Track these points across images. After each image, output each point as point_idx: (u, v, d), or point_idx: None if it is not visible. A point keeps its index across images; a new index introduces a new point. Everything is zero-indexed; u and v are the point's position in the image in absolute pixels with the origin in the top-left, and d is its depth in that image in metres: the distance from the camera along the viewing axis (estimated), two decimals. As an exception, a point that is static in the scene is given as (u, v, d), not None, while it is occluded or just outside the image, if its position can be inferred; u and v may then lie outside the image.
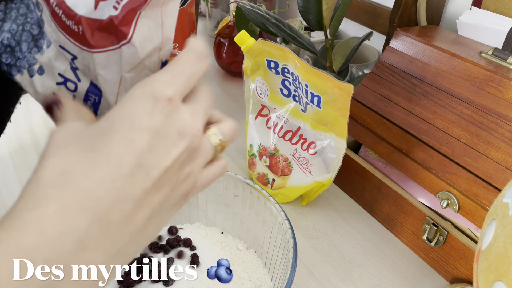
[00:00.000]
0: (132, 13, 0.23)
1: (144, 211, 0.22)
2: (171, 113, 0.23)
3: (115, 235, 0.21)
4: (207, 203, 0.52)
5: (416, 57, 0.57)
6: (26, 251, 0.18)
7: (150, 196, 0.22)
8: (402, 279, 0.51)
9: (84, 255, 0.20)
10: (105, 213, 0.20)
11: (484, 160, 0.46)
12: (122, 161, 0.21)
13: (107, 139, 0.22)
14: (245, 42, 0.56)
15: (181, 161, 0.24)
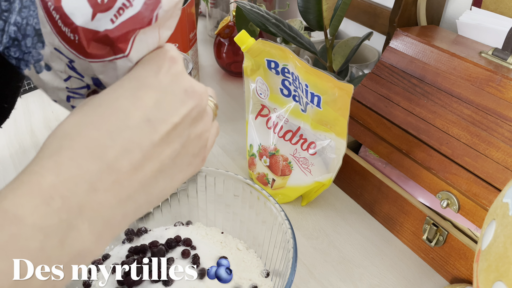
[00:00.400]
0: (131, 32, 0.23)
1: (153, 163, 0.24)
2: (176, 73, 0.25)
3: (124, 181, 0.23)
4: (207, 203, 0.52)
5: (416, 57, 0.57)
6: (45, 190, 0.21)
7: (159, 149, 0.24)
8: (402, 279, 0.51)
9: (96, 195, 0.22)
10: (113, 160, 0.22)
11: (484, 160, 0.46)
12: (129, 114, 0.23)
13: (115, 95, 0.24)
14: (245, 42, 0.56)
15: (191, 119, 0.25)
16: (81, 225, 0.21)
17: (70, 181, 0.21)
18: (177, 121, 0.24)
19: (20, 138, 0.73)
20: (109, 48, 0.24)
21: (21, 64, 0.28)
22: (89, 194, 0.22)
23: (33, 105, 0.82)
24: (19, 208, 0.20)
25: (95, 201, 0.22)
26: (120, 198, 0.23)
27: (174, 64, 0.25)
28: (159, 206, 0.53)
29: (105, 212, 0.22)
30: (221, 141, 0.74)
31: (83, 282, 0.44)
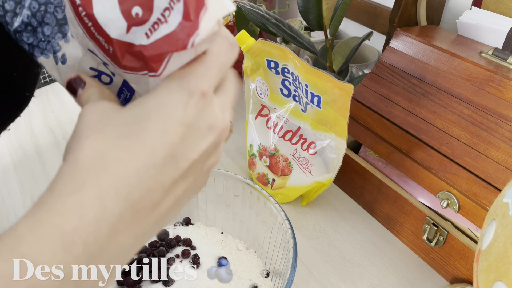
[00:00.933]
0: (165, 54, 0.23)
1: (170, 199, 0.23)
2: (203, 107, 0.24)
3: (143, 220, 0.22)
4: (207, 203, 0.52)
5: (416, 57, 0.57)
6: (67, 234, 0.20)
7: (177, 185, 0.23)
8: (402, 279, 0.51)
9: (116, 238, 0.21)
10: (138, 201, 0.22)
11: (484, 160, 0.46)
12: (156, 151, 0.22)
13: (142, 127, 0.22)
14: (245, 42, 0.55)
15: (207, 153, 0.25)
16: (99, 269, 0.21)
17: (94, 224, 0.20)
18: (196, 157, 0.24)
19: (20, 138, 0.73)
20: (143, 63, 0.23)
21: (35, 51, 0.27)
22: (110, 238, 0.21)
23: (33, 105, 0.82)
24: (39, 255, 0.19)
25: (115, 244, 0.21)
26: (137, 237, 0.22)
27: (202, 98, 0.24)
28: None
29: (122, 253, 0.22)
30: (221, 141, 0.74)
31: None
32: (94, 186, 0.21)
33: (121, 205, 0.21)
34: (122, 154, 0.22)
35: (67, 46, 0.26)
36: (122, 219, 0.21)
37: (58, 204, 0.20)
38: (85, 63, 0.27)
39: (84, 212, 0.20)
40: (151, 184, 0.22)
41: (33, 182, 0.63)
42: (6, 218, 0.57)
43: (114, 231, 0.21)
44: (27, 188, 0.62)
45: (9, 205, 0.59)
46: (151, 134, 0.22)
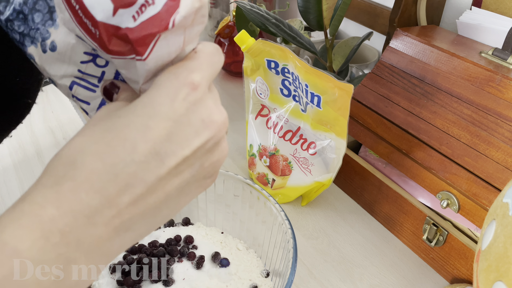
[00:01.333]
0: (151, 36, 0.22)
1: (157, 195, 0.23)
2: (196, 101, 0.23)
3: (124, 215, 0.22)
4: (207, 203, 0.52)
5: (416, 57, 0.57)
6: (45, 223, 0.20)
7: (164, 182, 0.23)
8: (402, 279, 0.51)
9: (94, 230, 0.21)
10: (114, 195, 0.22)
11: (484, 160, 0.46)
12: (137, 147, 0.22)
13: (126, 122, 0.22)
14: (245, 42, 0.56)
15: (205, 150, 0.24)
16: (79, 259, 0.21)
17: (70, 215, 0.21)
18: (188, 154, 0.23)
19: (20, 138, 0.73)
20: (131, 46, 0.23)
21: (26, 40, 0.27)
22: (87, 229, 0.21)
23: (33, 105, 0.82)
24: (19, 241, 0.20)
25: (94, 235, 0.22)
26: (119, 230, 0.22)
27: (193, 90, 0.23)
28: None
29: (103, 245, 0.22)
30: (221, 141, 0.74)
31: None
32: (71, 179, 0.21)
33: (96, 198, 0.21)
34: (101, 148, 0.22)
35: (57, 32, 0.26)
36: (99, 211, 0.21)
37: (39, 197, 0.21)
38: (78, 49, 0.26)
39: (60, 204, 0.21)
40: (129, 180, 0.22)
41: (33, 182, 0.63)
42: (6, 218, 0.57)
43: (91, 222, 0.21)
44: (27, 188, 0.62)
45: (9, 205, 0.59)
46: (133, 129, 0.22)
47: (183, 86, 0.23)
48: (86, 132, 0.23)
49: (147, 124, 0.22)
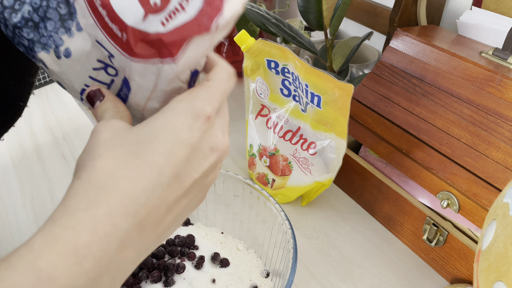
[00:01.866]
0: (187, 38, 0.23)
1: (172, 215, 0.25)
2: (207, 130, 0.25)
3: (147, 236, 0.24)
4: (207, 203, 0.52)
5: (416, 57, 0.57)
6: (79, 249, 0.21)
7: (179, 203, 0.25)
8: (402, 279, 0.51)
9: (123, 253, 0.22)
10: (144, 218, 0.23)
11: (484, 160, 0.46)
12: (163, 171, 0.23)
13: (151, 148, 0.24)
14: (245, 42, 0.55)
15: (208, 172, 0.26)
16: (105, 282, 0.22)
17: (105, 240, 0.21)
18: (198, 177, 0.25)
19: (20, 139, 0.73)
20: (156, 51, 0.24)
21: (36, 46, 0.27)
22: (118, 252, 0.22)
23: (33, 105, 0.82)
24: (54, 269, 0.20)
25: (122, 259, 0.22)
26: (141, 252, 0.24)
27: (207, 121, 0.25)
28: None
29: (127, 267, 0.23)
30: (221, 141, 0.74)
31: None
32: (106, 204, 0.22)
33: (129, 221, 0.22)
34: (131, 173, 0.23)
35: (71, 40, 0.27)
36: (129, 235, 0.22)
37: (72, 220, 0.21)
38: (92, 56, 0.27)
39: (96, 228, 0.21)
40: (156, 202, 0.23)
41: (33, 182, 0.63)
42: (6, 217, 0.57)
43: (121, 246, 0.22)
44: (26, 187, 0.62)
45: (9, 204, 0.59)
46: (159, 155, 0.24)
47: (199, 117, 0.25)
48: (108, 155, 0.24)
49: (172, 150, 0.24)
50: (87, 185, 0.23)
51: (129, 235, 0.22)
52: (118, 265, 0.22)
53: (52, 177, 0.65)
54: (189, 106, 0.25)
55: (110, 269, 0.22)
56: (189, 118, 0.25)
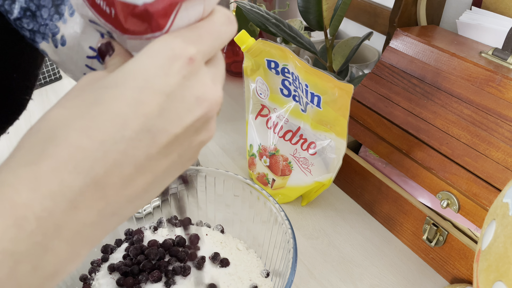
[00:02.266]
0: (172, 6, 0.21)
1: (146, 176, 0.21)
2: (190, 75, 0.21)
3: (110, 197, 0.20)
4: (207, 203, 0.52)
5: (416, 57, 0.57)
6: (18, 208, 0.18)
7: (155, 162, 0.21)
8: (402, 279, 0.51)
9: (76, 214, 0.19)
10: (102, 176, 0.20)
11: (484, 160, 0.46)
12: (128, 123, 0.20)
13: (116, 94, 0.20)
14: (245, 42, 0.55)
15: (195, 128, 0.22)
16: (58, 247, 0.19)
17: (48, 198, 0.18)
18: (179, 132, 0.21)
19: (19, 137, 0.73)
20: (147, 25, 0.22)
21: (37, 36, 0.26)
22: (68, 213, 0.19)
23: (33, 105, 0.82)
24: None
25: (75, 220, 0.19)
26: (103, 215, 0.20)
27: (188, 64, 0.21)
28: (159, 206, 0.53)
29: (85, 230, 0.20)
30: (221, 141, 0.74)
31: (83, 283, 0.44)
32: (51, 157, 0.19)
33: (81, 179, 0.19)
34: (87, 123, 0.20)
35: (65, 26, 0.26)
36: (83, 194, 0.19)
37: (11, 177, 0.19)
38: (84, 42, 0.26)
39: (38, 185, 0.18)
40: (118, 159, 0.20)
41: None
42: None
43: (73, 206, 0.19)
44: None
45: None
46: (123, 103, 0.20)
47: (178, 58, 0.21)
48: (67, 104, 0.20)
49: (139, 98, 0.20)
50: (34, 138, 0.20)
51: (83, 194, 0.19)
52: (73, 228, 0.19)
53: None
54: (166, 45, 0.21)
55: (62, 233, 0.19)
56: (165, 59, 0.20)
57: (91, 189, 0.19)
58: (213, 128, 0.24)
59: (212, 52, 0.23)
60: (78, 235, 0.20)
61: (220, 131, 0.77)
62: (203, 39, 0.22)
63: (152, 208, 0.53)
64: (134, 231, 0.49)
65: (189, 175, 0.51)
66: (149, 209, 0.53)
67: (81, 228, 0.20)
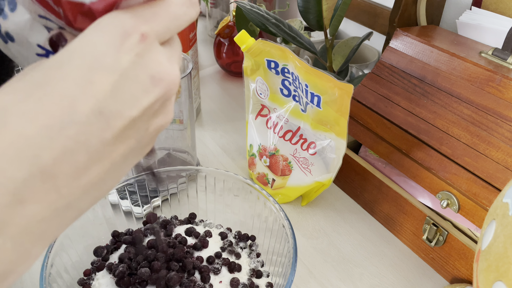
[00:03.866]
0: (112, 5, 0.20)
1: (102, 165, 0.20)
2: (143, 53, 0.20)
3: (62, 188, 0.19)
4: (207, 203, 0.52)
5: (416, 57, 0.57)
6: None
7: (110, 148, 0.20)
8: (402, 279, 0.51)
9: (23, 209, 0.18)
10: (50, 165, 0.18)
11: (484, 160, 0.46)
12: (77, 105, 0.18)
13: (62, 74, 0.18)
14: (245, 42, 0.56)
15: (153, 111, 0.21)
16: (3, 246, 0.18)
17: None
18: (136, 115, 0.20)
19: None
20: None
21: None
22: (12, 208, 0.17)
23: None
24: None
25: (21, 216, 0.18)
26: (56, 208, 0.19)
27: (142, 41, 0.20)
28: (159, 206, 0.53)
29: (35, 226, 0.18)
30: (221, 141, 0.74)
31: (83, 284, 0.44)
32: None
33: (24, 169, 0.17)
34: (30, 106, 0.18)
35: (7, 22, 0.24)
36: (28, 186, 0.17)
37: None
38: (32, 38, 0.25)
39: None
40: (70, 146, 0.18)
41: None
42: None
43: (17, 200, 0.17)
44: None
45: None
46: (71, 84, 0.18)
47: (129, 34, 0.19)
48: (7, 89, 0.18)
49: (88, 77, 0.18)
50: None
51: (29, 187, 0.17)
52: (19, 224, 0.18)
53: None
54: (116, 21, 0.19)
55: (7, 230, 0.17)
56: (115, 36, 0.19)
57: (38, 180, 0.18)
58: (171, 111, 0.23)
59: (168, 33, 0.21)
60: (27, 232, 0.18)
61: (220, 131, 0.77)
62: (158, 18, 0.21)
63: (152, 208, 0.53)
64: (134, 231, 0.49)
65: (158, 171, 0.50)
66: (149, 209, 0.53)
67: (29, 224, 0.18)
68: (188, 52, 0.71)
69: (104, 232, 0.48)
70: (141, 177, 0.49)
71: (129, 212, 0.51)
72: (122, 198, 0.50)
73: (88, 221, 0.46)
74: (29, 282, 0.48)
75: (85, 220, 0.46)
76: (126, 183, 0.48)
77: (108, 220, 0.49)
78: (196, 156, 0.65)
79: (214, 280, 0.43)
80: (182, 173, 0.51)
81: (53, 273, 0.39)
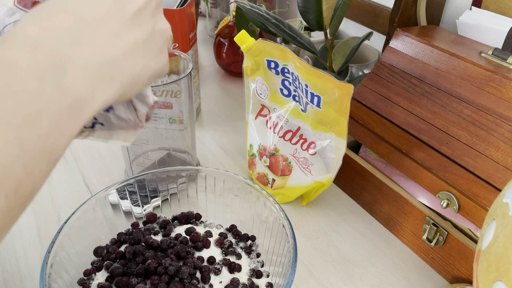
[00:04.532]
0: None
1: (128, 36, 0.25)
2: None
3: (105, 41, 0.24)
4: (207, 203, 0.52)
5: (416, 57, 0.57)
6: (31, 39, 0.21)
7: (131, 26, 0.26)
8: (402, 279, 0.51)
9: (80, 49, 0.23)
10: (92, 21, 0.23)
11: (484, 160, 0.46)
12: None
13: None
14: (245, 42, 0.56)
15: (152, 9, 0.27)
16: (73, 71, 0.22)
17: (53, 31, 0.22)
18: (142, 5, 0.26)
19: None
20: None
21: None
22: (73, 46, 0.22)
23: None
24: (10, 54, 0.20)
25: (81, 54, 0.23)
26: (105, 56, 0.24)
27: None
28: (159, 206, 0.53)
29: (93, 66, 0.23)
30: (221, 141, 0.74)
31: (83, 284, 0.44)
32: (46, 9, 0.23)
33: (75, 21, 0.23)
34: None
35: None
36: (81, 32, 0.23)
37: (17, 26, 0.21)
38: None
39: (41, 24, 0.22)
40: (102, 13, 0.24)
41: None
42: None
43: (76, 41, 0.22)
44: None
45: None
46: None
47: None
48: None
49: None
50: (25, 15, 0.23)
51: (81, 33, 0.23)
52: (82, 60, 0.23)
53: (52, 177, 0.65)
54: None
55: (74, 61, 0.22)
56: None
57: (86, 29, 0.23)
58: (167, 22, 0.30)
59: None
60: (88, 68, 0.23)
61: (220, 131, 0.77)
62: None
63: (152, 208, 0.53)
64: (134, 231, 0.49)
65: None
66: (149, 209, 0.53)
67: (88, 62, 0.23)
68: (188, 52, 0.71)
69: (104, 232, 0.48)
70: (141, 177, 0.49)
71: (129, 212, 0.51)
72: (122, 198, 0.50)
73: (88, 221, 0.46)
74: (29, 282, 0.48)
75: (85, 220, 0.45)
76: (126, 183, 0.48)
77: (108, 220, 0.48)
78: (196, 156, 0.65)
79: (214, 280, 0.43)
80: (182, 173, 0.51)
81: (53, 273, 0.39)
